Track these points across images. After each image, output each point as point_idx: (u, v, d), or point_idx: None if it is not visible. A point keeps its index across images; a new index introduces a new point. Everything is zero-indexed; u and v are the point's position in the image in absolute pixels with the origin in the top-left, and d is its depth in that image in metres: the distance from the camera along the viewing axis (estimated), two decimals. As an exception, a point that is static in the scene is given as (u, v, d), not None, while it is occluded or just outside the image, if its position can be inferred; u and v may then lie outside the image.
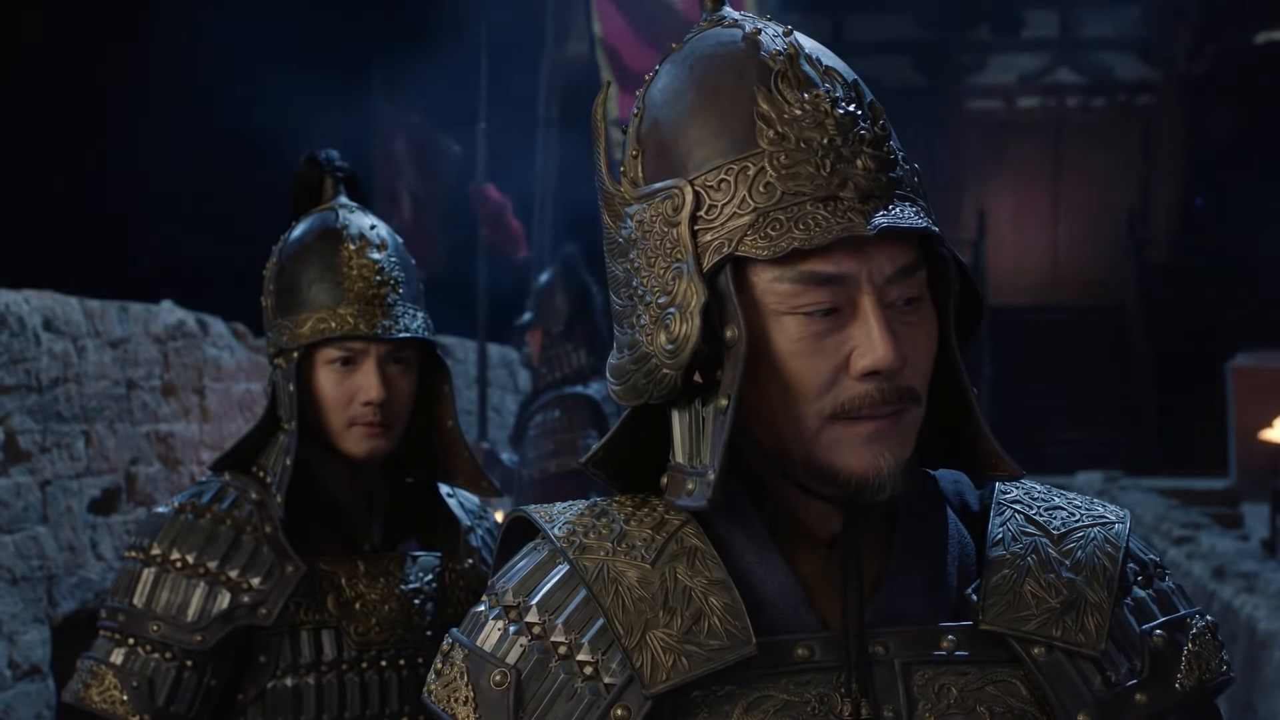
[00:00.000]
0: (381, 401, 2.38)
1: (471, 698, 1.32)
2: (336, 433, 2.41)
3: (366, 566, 2.43)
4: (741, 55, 1.30)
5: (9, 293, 4.70)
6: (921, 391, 1.30)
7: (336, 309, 2.39)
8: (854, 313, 1.26)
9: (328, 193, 2.56)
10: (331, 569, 2.41)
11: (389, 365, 2.41)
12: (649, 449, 1.40)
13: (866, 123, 1.28)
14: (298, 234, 2.48)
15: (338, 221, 2.47)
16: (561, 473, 5.26)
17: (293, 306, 2.43)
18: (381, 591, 2.43)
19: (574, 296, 5.52)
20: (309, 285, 2.42)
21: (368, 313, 2.39)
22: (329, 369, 2.40)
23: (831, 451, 1.28)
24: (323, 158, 2.58)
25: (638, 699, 1.26)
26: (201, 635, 2.33)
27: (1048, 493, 1.43)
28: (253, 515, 2.40)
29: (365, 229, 2.46)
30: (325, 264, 2.42)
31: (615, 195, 1.35)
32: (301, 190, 2.56)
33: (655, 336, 1.29)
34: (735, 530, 1.34)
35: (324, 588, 2.41)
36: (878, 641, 1.29)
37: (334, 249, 2.43)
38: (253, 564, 2.37)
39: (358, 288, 2.40)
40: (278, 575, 2.36)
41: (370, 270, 2.41)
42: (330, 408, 2.40)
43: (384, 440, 2.41)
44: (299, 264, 2.44)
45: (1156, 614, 1.36)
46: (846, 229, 1.23)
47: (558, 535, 1.35)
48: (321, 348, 2.40)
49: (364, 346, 2.39)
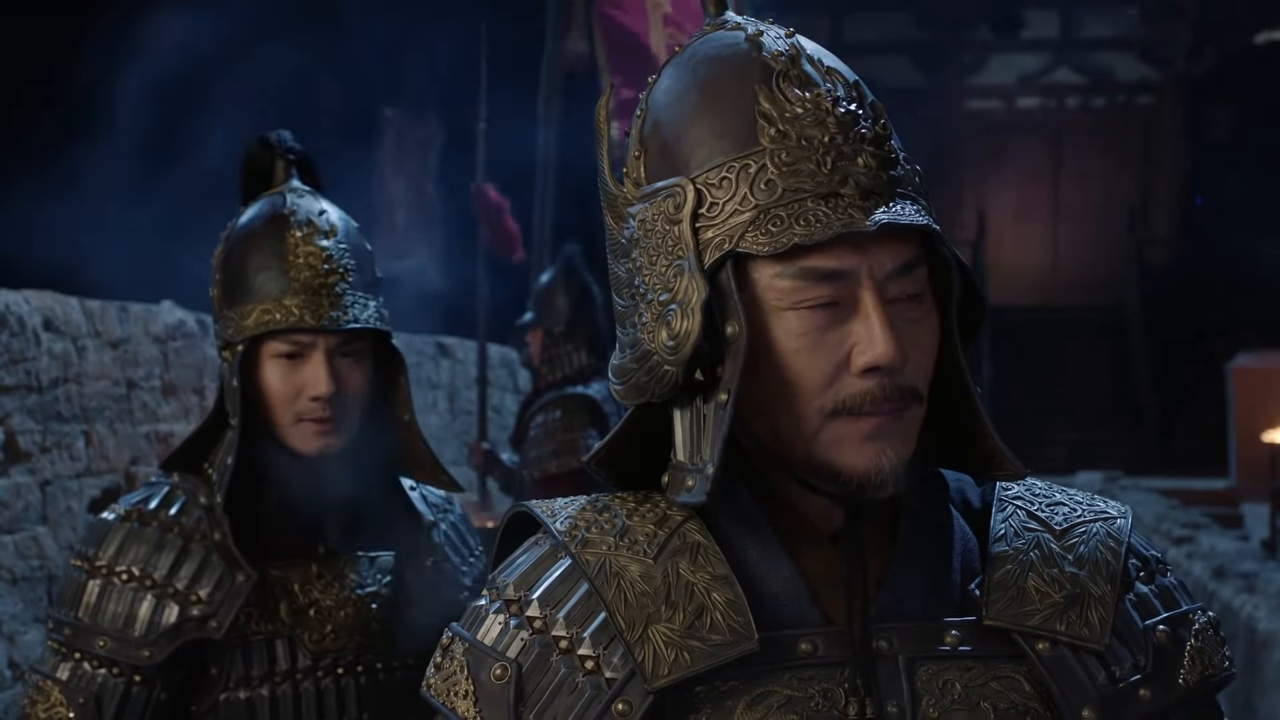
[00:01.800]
0: (330, 396, 2.26)
1: (471, 692, 1.32)
2: (285, 429, 2.29)
3: (321, 570, 2.33)
4: (744, 56, 1.31)
5: (9, 293, 4.70)
6: (923, 390, 1.30)
7: (282, 300, 2.27)
8: (855, 309, 1.27)
9: (278, 176, 2.43)
10: (284, 574, 2.31)
11: (338, 358, 2.28)
12: (651, 449, 1.40)
13: (868, 121, 1.29)
14: (245, 220, 2.36)
15: (285, 206, 2.34)
16: (562, 473, 5.25)
17: (238, 297, 2.30)
18: (336, 596, 2.32)
19: (575, 297, 5.52)
20: (254, 274, 2.29)
21: (314, 303, 2.26)
22: (275, 363, 2.28)
23: (832, 449, 1.28)
24: (274, 139, 2.45)
25: (639, 693, 1.26)
26: (149, 650, 2.23)
27: (1049, 489, 1.43)
28: (201, 522, 2.29)
29: (314, 214, 2.33)
30: (271, 252, 2.29)
31: (618, 196, 1.36)
32: (252, 173, 2.44)
33: (657, 333, 1.30)
34: (737, 526, 1.33)
35: (276, 595, 2.30)
36: (881, 637, 1.29)
37: (280, 236, 2.30)
38: (201, 574, 2.26)
39: (304, 277, 2.27)
40: (227, 585, 2.25)
41: (317, 258, 2.28)
42: (277, 403, 2.28)
43: (334, 437, 2.29)
44: (244, 252, 2.32)
45: (1159, 609, 1.36)
46: (847, 225, 1.24)
47: (560, 530, 1.35)
48: (267, 340, 2.27)
49: (311, 339, 2.27)
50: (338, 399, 2.27)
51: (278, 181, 2.41)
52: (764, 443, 1.31)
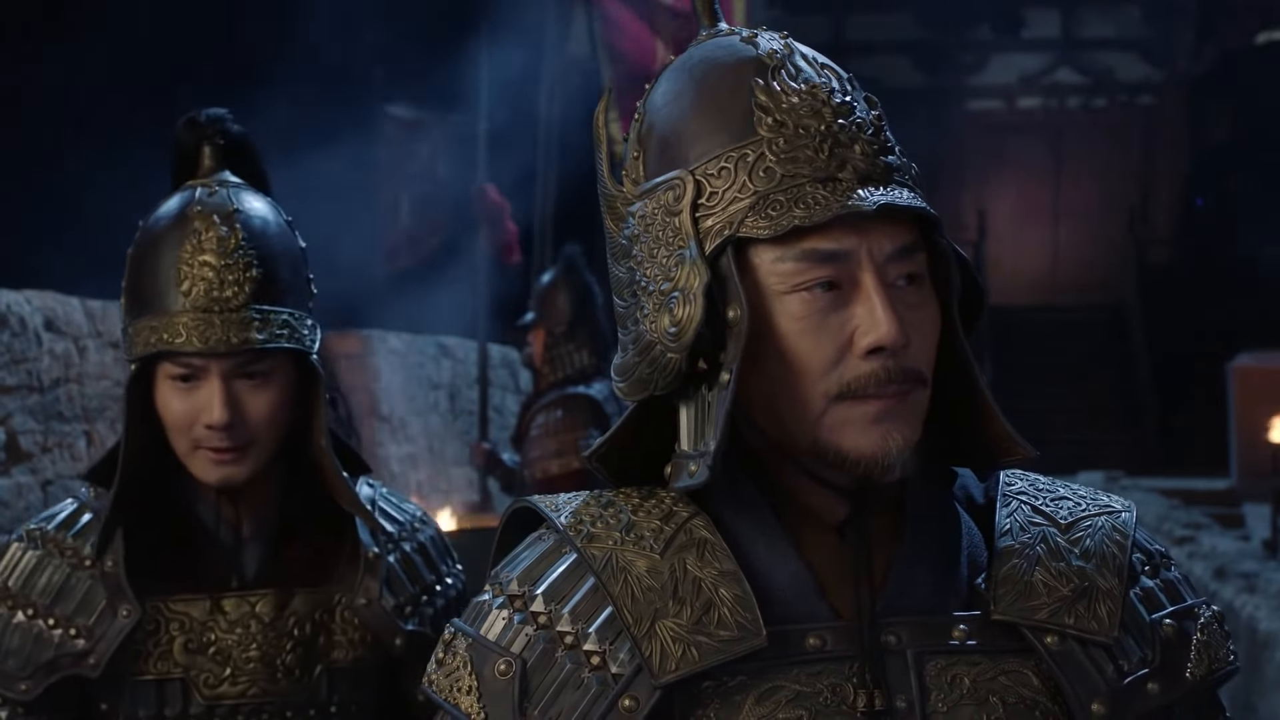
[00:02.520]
0: (227, 424, 2.01)
1: (475, 687, 1.31)
2: (183, 456, 2.05)
3: (228, 607, 2.07)
4: (739, 54, 1.33)
5: (10, 293, 4.70)
6: (926, 373, 1.30)
7: (173, 317, 2.01)
8: (856, 292, 1.27)
9: (205, 164, 2.13)
10: (184, 609, 2.07)
11: (237, 381, 2.03)
12: (651, 447, 1.40)
13: (863, 111, 1.31)
14: (153, 218, 2.08)
15: (193, 204, 2.06)
16: (564, 472, 5.26)
17: (136, 308, 2.06)
18: (241, 636, 2.07)
19: (576, 297, 5.52)
20: (150, 284, 2.04)
21: (204, 322, 2.00)
22: (169, 385, 2.03)
23: (838, 433, 1.28)
24: (202, 118, 2.14)
25: (646, 689, 1.26)
26: (25, 684, 2.03)
27: (1052, 484, 1.43)
28: (92, 544, 2.07)
29: (222, 213, 2.05)
30: (169, 260, 2.03)
31: (618, 196, 1.38)
32: (179, 160, 2.15)
33: (658, 321, 1.30)
34: (743, 519, 1.33)
35: (171, 632, 2.06)
36: (890, 631, 1.29)
37: (179, 240, 2.03)
38: (84, 606, 2.05)
39: (196, 291, 2.01)
40: (108, 620, 2.04)
41: (212, 269, 2.01)
42: (173, 429, 2.04)
43: (238, 467, 2.04)
44: (146, 257, 2.06)
45: (1165, 603, 1.36)
46: (846, 206, 1.25)
47: (564, 524, 1.35)
48: (160, 361, 2.03)
49: (203, 362, 2.01)
50: (239, 426, 2.02)
51: (205, 171, 2.13)
52: (769, 433, 1.31)
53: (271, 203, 2.13)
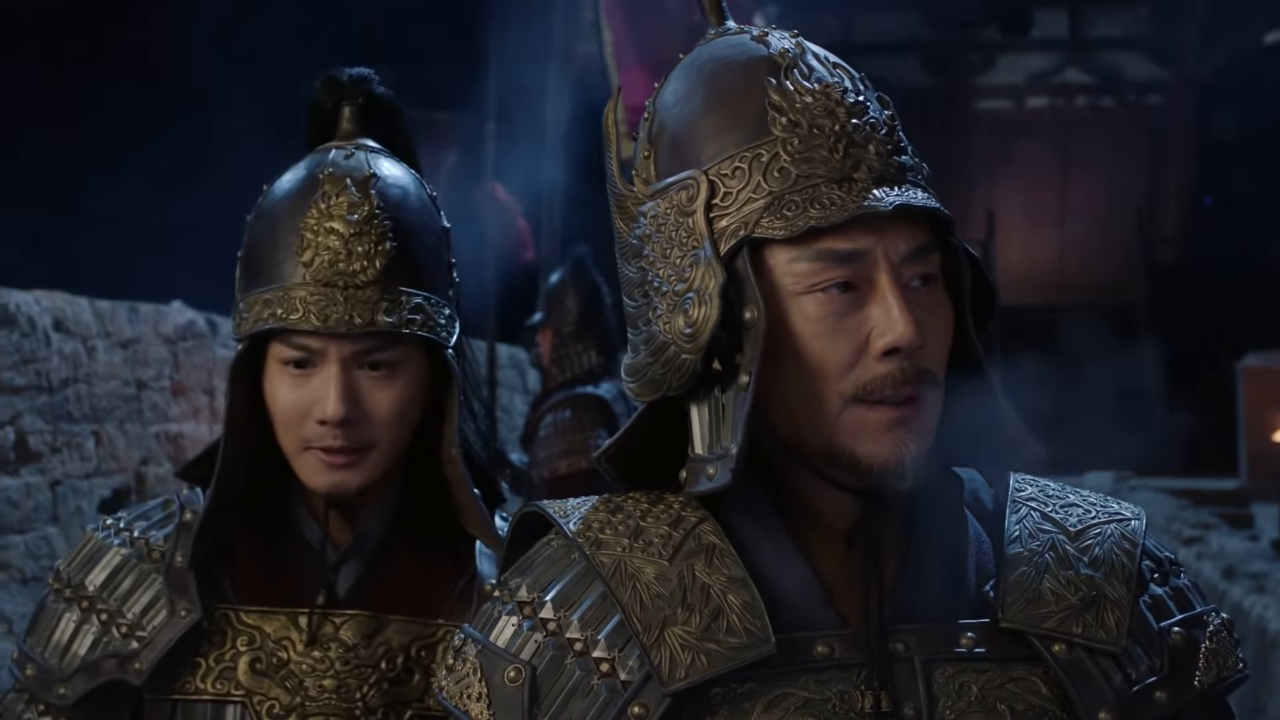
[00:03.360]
0: (342, 420, 1.74)
1: (485, 694, 1.31)
2: (291, 456, 1.79)
3: (308, 625, 1.78)
4: (750, 53, 1.33)
5: (19, 293, 4.70)
6: (939, 375, 1.30)
7: (290, 290, 1.75)
8: (872, 292, 1.28)
9: (343, 126, 1.89)
10: (256, 623, 1.78)
11: (358, 371, 1.76)
12: (660, 448, 1.40)
13: (876, 111, 1.31)
14: (279, 184, 1.85)
15: (324, 165, 1.81)
16: (572, 473, 5.25)
17: (250, 279, 1.80)
18: (317, 660, 1.77)
19: (585, 297, 5.52)
20: (268, 252, 1.78)
21: (325, 298, 1.74)
22: (281, 371, 1.77)
23: (853, 438, 1.28)
24: (344, 78, 1.91)
25: (655, 696, 1.26)
26: (64, 688, 1.78)
27: (1062, 490, 1.43)
28: (169, 537, 1.82)
29: (358, 177, 1.79)
30: (291, 227, 1.78)
31: (628, 196, 1.37)
32: (316, 123, 1.91)
33: (673, 322, 1.30)
34: (752, 525, 1.33)
35: (237, 646, 1.78)
36: (898, 638, 1.29)
37: (304, 206, 1.78)
38: (135, 593, 1.78)
39: (319, 262, 1.75)
40: (163, 616, 1.76)
41: (339, 238, 1.76)
42: (282, 422, 1.78)
43: (353, 473, 1.77)
44: (267, 225, 1.81)
45: (1174, 611, 1.36)
46: (862, 207, 1.25)
47: (573, 530, 1.35)
48: (272, 342, 1.77)
49: (321, 345, 1.74)
50: (357, 424, 1.75)
51: (343, 135, 1.88)
52: (782, 436, 1.31)
53: (415, 174, 1.89)
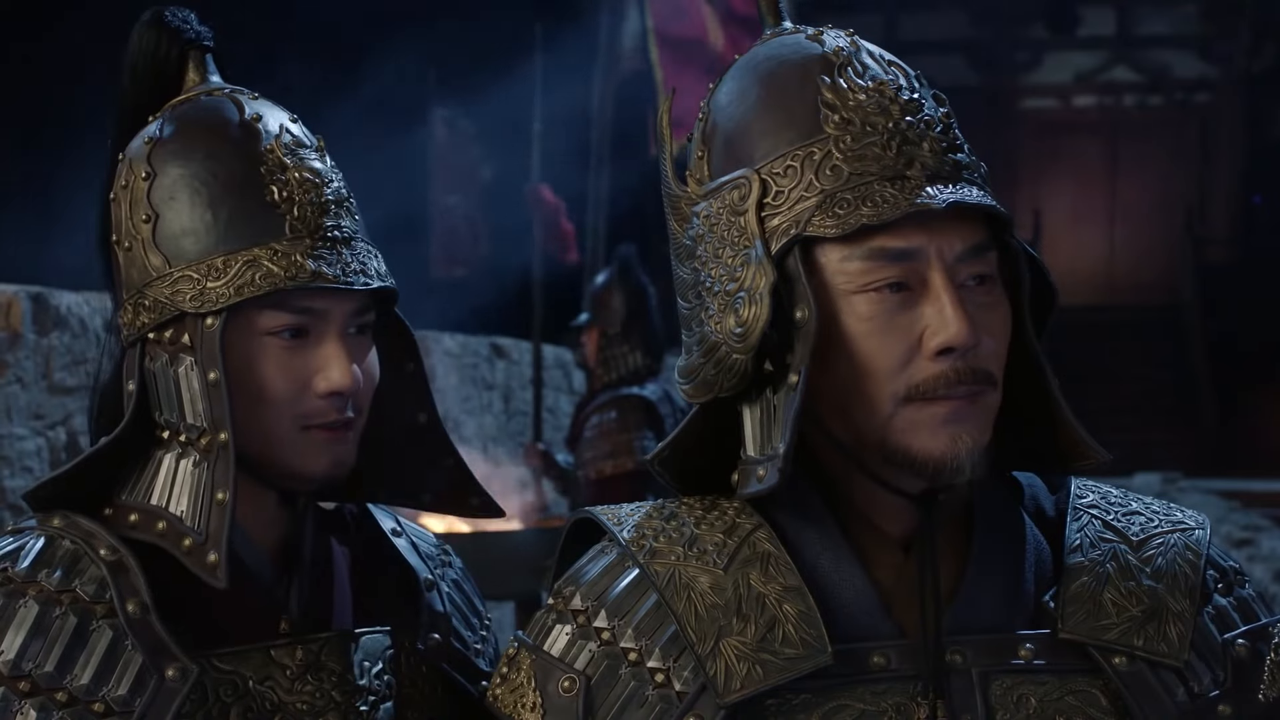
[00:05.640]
0: (354, 388, 1.53)
1: (539, 704, 1.31)
2: (280, 442, 1.52)
3: (288, 660, 1.54)
4: (805, 52, 1.32)
5: (70, 294, 4.73)
6: (997, 375, 1.29)
7: (287, 245, 1.50)
8: (925, 291, 1.26)
9: (191, 76, 1.61)
10: (233, 667, 1.52)
11: (349, 336, 1.55)
12: (713, 450, 1.39)
13: (931, 108, 1.29)
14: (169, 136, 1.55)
15: (245, 113, 1.56)
16: (618, 473, 5.25)
17: (199, 245, 1.51)
18: (313, 697, 1.53)
19: (630, 298, 5.51)
20: (219, 208, 1.51)
21: (329, 250, 1.51)
22: (269, 344, 1.51)
23: (907, 435, 1.26)
24: (176, 21, 1.62)
25: (711, 708, 1.25)
26: None
27: (1124, 497, 1.41)
28: (104, 590, 1.47)
29: (287, 123, 1.58)
30: (243, 177, 1.52)
31: (682, 197, 1.36)
32: (152, 71, 1.61)
33: (724, 321, 1.29)
34: (808, 533, 1.32)
35: (221, 698, 1.51)
36: (955, 650, 1.28)
37: (251, 154, 1.53)
38: (110, 669, 1.46)
39: (308, 213, 1.52)
40: (153, 685, 1.46)
41: (313, 186, 1.53)
42: (275, 403, 1.51)
43: (350, 449, 1.56)
44: (196, 179, 1.52)
45: (1238, 622, 1.34)
46: (915, 204, 1.24)
47: (627, 538, 1.34)
48: (253, 312, 1.50)
49: (325, 307, 1.52)
50: (354, 394, 1.54)
51: (189, 85, 1.61)
52: (836, 436, 1.30)
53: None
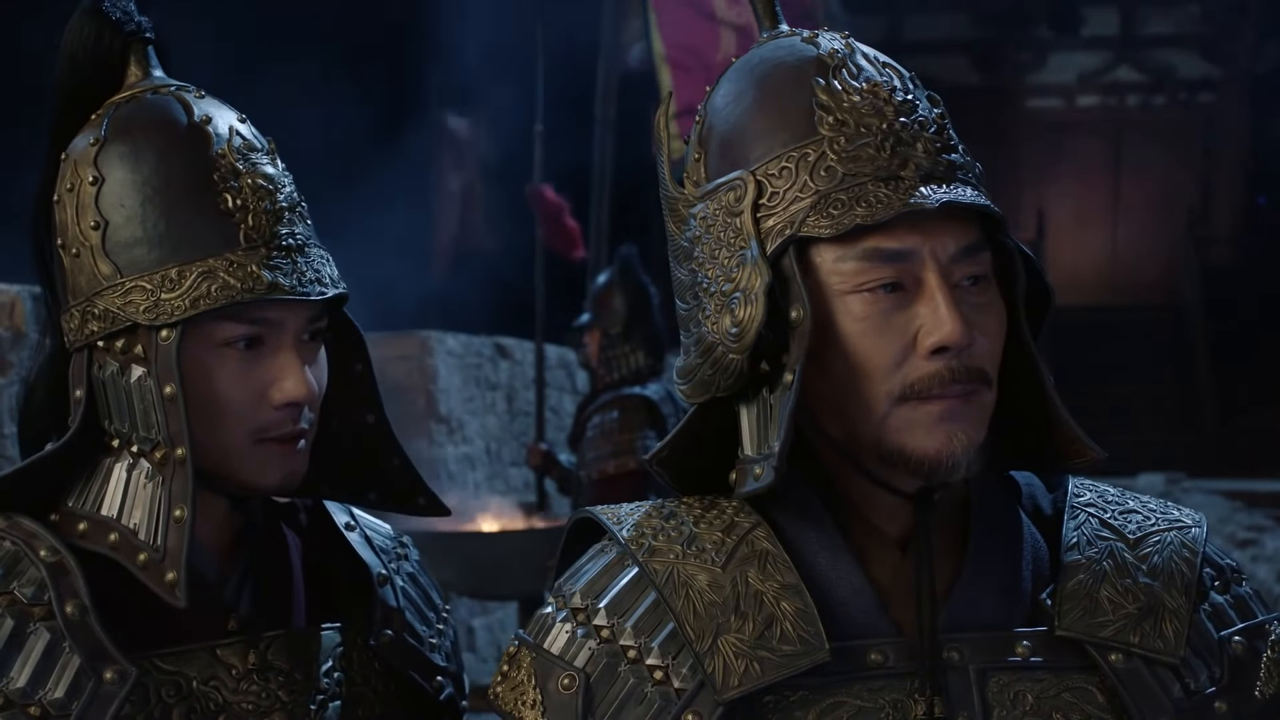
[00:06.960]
0: (310, 398, 1.51)
1: (539, 701, 1.32)
2: (235, 455, 1.49)
3: (235, 659, 1.51)
4: (800, 54, 1.33)
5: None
6: (992, 374, 1.29)
7: (241, 256, 1.46)
8: (919, 291, 1.27)
9: (133, 70, 1.56)
10: (176, 668, 1.48)
11: (303, 344, 1.52)
12: (711, 450, 1.40)
13: (925, 109, 1.30)
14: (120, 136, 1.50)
15: (194, 114, 1.50)
16: (620, 473, 5.25)
17: (151, 255, 1.47)
18: (259, 697, 1.51)
19: (632, 298, 5.52)
20: (171, 217, 1.46)
21: (285, 259, 1.48)
22: (224, 355, 1.48)
23: (902, 434, 1.27)
24: (115, 11, 1.55)
25: (709, 705, 1.26)
26: None
27: (1121, 495, 1.41)
28: (43, 591, 1.45)
29: (236, 124, 1.52)
30: (195, 184, 1.47)
31: (679, 199, 1.38)
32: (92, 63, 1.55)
33: (720, 322, 1.30)
34: (806, 531, 1.33)
35: (164, 699, 1.47)
36: (952, 647, 1.28)
37: (203, 158, 1.48)
38: (47, 671, 1.43)
39: (261, 222, 1.48)
40: (90, 688, 1.42)
41: (267, 193, 1.49)
42: (230, 415, 1.48)
43: (303, 460, 1.53)
44: (148, 185, 1.47)
45: (1235, 620, 1.34)
46: (908, 205, 1.24)
47: (626, 537, 1.35)
48: (210, 323, 1.47)
49: (279, 317, 1.48)
50: (308, 404, 1.52)
51: (131, 79, 1.55)
52: (831, 436, 1.31)
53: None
